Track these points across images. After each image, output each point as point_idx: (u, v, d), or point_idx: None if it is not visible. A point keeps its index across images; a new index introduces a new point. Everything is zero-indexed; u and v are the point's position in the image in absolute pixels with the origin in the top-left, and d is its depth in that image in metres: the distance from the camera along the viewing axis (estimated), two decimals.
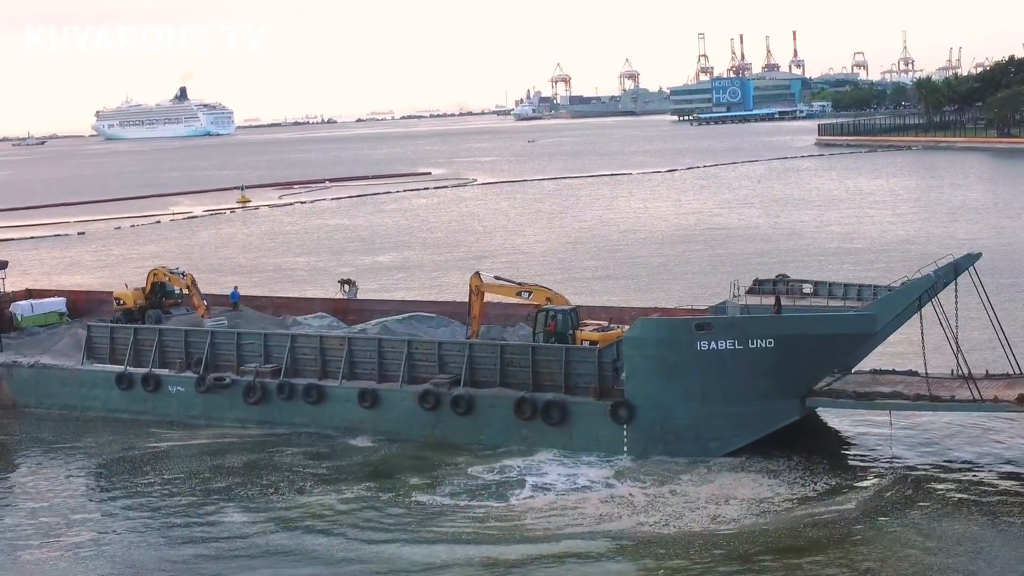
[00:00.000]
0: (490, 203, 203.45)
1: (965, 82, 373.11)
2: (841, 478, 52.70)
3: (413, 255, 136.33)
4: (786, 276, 68.34)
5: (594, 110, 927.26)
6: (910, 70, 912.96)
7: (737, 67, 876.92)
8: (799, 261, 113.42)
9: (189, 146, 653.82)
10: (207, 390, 66.68)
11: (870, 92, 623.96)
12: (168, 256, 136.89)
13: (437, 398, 60.92)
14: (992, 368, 57.61)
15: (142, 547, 49.63)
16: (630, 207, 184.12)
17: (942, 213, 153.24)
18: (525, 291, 64.29)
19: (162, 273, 76.80)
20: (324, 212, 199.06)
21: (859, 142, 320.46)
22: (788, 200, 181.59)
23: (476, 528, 49.69)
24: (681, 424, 56.40)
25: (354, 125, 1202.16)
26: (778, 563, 44.66)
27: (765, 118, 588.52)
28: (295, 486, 55.93)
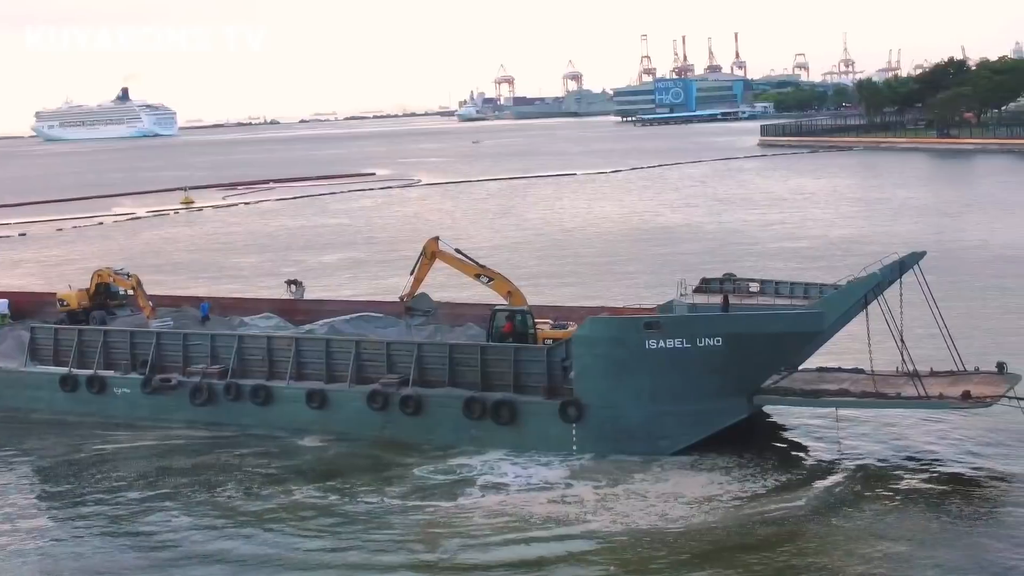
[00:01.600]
0: (435, 203, 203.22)
1: (905, 84, 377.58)
2: (791, 475, 53.00)
3: (359, 255, 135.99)
4: (733, 275, 68.65)
5: (538, 111, 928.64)
6: (850, 72, 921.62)
7: (680, 68, 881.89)
8: (744, 260, 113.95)
9: (131, 147, 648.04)
10: (153, 391, 66.14)
11: (811, 93, 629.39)
12: (111, 257, 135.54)
13: (386, 398, 60.71)
14: (937, 365, 58.12)
15: (89, 551, 48.95)
16: (575, 207, 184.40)
17: (884, 212, 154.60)
18: (486, 276, 64.00)
19: (107, 274, 76.11)
20: (268, 213, 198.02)
21: (801, 143, 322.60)
22: (731, 200, 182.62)
23: (425, 529, 49.54)
24: (631, 423, 56.50)
25: (298, 126, 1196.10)
26: (727, 561, 44.80)
27: (708, 119, 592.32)
28: (244, 487, 55.51)
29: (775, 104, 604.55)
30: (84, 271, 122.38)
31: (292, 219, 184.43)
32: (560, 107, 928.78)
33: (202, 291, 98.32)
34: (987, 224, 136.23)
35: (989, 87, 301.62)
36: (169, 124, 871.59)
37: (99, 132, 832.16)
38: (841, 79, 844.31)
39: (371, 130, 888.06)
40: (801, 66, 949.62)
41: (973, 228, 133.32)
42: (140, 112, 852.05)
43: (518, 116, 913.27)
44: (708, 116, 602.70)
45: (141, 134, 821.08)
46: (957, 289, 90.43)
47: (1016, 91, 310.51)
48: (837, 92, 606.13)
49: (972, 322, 78.27)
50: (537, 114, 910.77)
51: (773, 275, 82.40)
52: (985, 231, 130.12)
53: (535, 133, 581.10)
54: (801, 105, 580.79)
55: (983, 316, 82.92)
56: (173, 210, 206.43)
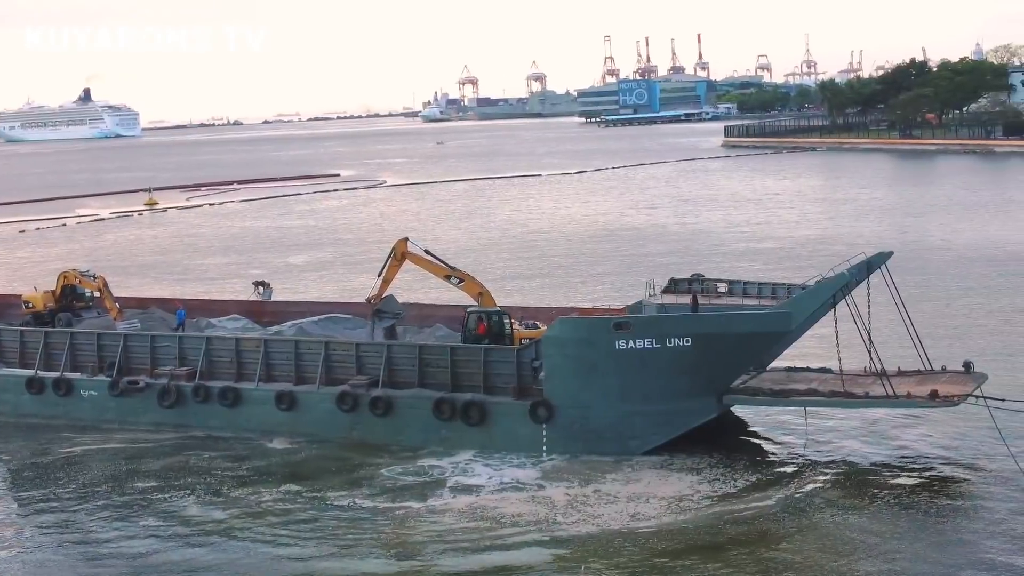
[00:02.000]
0: (400, 204, 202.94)
1: (868, 84, 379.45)
2: (761, 475, 53.24)
3: (325, 256, 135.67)
4: (701, 275, 68.87)
5: (502, 112, 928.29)
6: (813, 73, 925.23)
7: (643, 69, 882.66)
8: (710, 260, 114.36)
9: (94, 148, 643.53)
10: (121, 393, 65.76)
11: (774, 94, 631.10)
12: (76, 259, 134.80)
13: (355, 399, 60.61)
14: (904, 365, 58.53)
15: (55, 555, 48.71)
16: (540, 208, 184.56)
17: (848, 213, 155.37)
18: (456, 277, 63.94)
19: (73, 276, 75.58)
20: (233, 214, 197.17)
21: (765, 143, 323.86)
22: (697, 200, 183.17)
23: (395, 530, 49.56)
24: (600, 423, 56.61)
25: (261, 127, 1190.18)
26: (698, 560, 44.96)
27: (671, 120, 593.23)
28: (213, 490, 55.31)
29: (738, 105, 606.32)
30: (48, 273, 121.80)
31: (257, 220, 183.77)
32: (524, 108, 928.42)
33: (167, 292, 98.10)
34: (950, 225, 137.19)
35: (950, 88, 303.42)
36: (132, 125, 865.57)
37: (61, 133, 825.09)
38: (803, 80, 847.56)
39: (335, 131, 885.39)
40: (764, 67, 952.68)
41: (936, 229, 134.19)
42: (103, 113, 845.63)
43: (482, 117, 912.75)
44: (672, 117, 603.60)
45: (104, 135, 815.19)
46: (922, 289, 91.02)
47: (976, 92, 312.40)
48: (800, 93, 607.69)
49: (937, 321, 78.99)
50: (501, 115, 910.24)
51: (740, 275, 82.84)
52: (948, 231, 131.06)
53: (499, 134, 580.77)
54: (764, 106, 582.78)
55: (948, 316, 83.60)
56: (137, 211, 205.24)
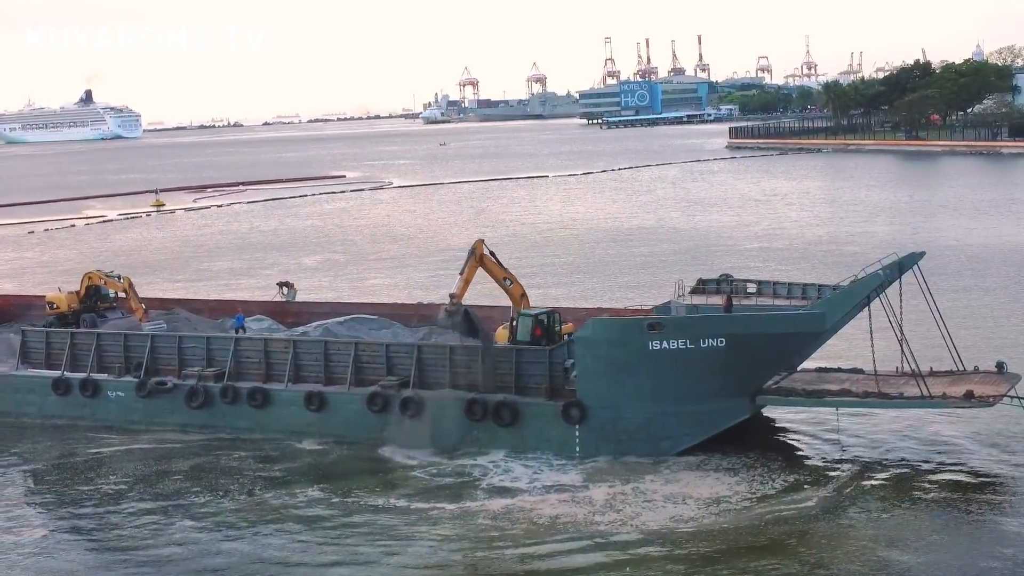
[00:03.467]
0: (408, 206, 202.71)
1: (871, 86, 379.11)
2: (797, 475, 53.10)
3: (337, 257, 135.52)
4: (730, 276, 68.61)
5: (502, 113, 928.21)
6: (813, 74, 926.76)
7: (643, 71, 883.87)
8: (724, 261, 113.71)
9: (95, 149, 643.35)
10: (148, 394, 65.59)
11: (776, 96, 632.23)
12: (86, 259, 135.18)
13: (386, 400, 60.45)
14: (933, 365, 58.38)
15: (88, 556, 48.61)
16: (549, 209, 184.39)
17: (859, 214, 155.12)
18: (508, 279, 63.66)
19: (97, 276, 75.39)
20: (241, 215, 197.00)
21: (770, 144, 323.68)
22: (706, 202, 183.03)
23: (431, 530, 49.29)
24: (632, 424, 56.46)
25: (261, 129, 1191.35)
26: (740, 561, 44.79)
27: (673, 121, 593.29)
28: (245, 490, 55.23)
29: (740, 106, 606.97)
30: (58, 274, 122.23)
31: (265, 221, 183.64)
32: (525, 109, 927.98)
33: (180, 293, 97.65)
34: (962, 225, 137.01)
35: (954, 89, 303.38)
36: (133, 126, 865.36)
37: (62, 134, 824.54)
38: (803, 82, 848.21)
39: (335, 132, 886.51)
40: (764, 69, 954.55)
41: (949, 230, 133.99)
42: (104, 114, 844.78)
43: (482, 118, 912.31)
44: (674, 118, 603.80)
45: (105, 136, 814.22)
46: (941, 290, 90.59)
47: (979, 94, 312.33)
48: (801, 94, 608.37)
49: (960, 322, 78.57)
50: (501, 116, 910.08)
51: (754, 275, 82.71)
52: (961, 232, 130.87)
53: (501, 135, 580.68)
54: (766, 107, 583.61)
55: (971, 316, 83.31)
56: (144, 213, 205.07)
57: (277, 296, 78.00)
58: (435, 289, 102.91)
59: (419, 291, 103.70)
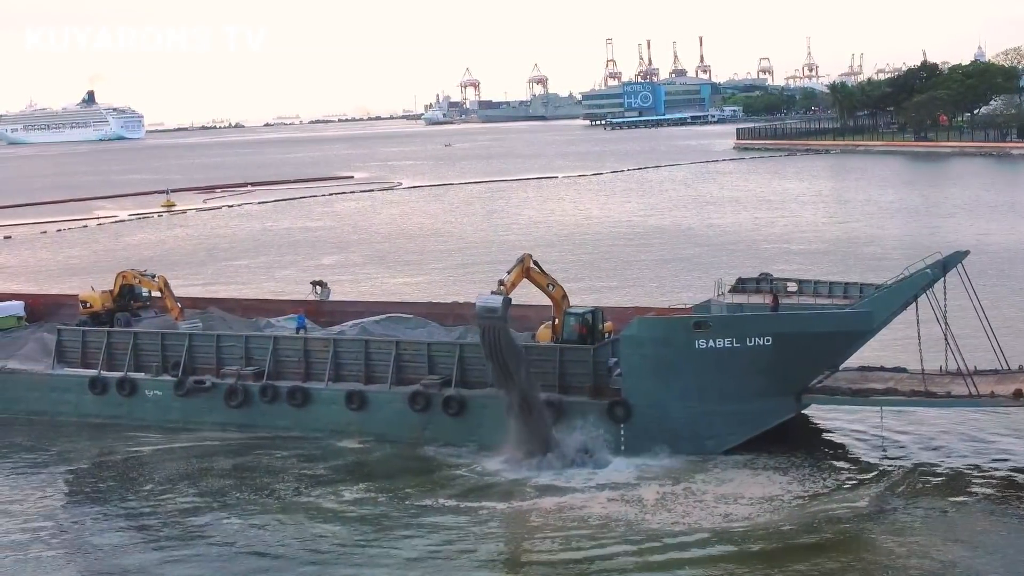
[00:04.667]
0: (420, 206, 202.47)
1: (878, 87, 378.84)
2: (847, 474, 52.99)
3: (355, 257, 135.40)
4: (769, 275, 68.44)
5: (504, 115, 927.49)
6: (814, 76, 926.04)
7: (644, 72, 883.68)
8: (745, 261, 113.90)
9: (98, 150, 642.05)
10: (186, 394, 65.39)
11: (780, 97, 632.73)
12: (101, 260, 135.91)
13: (428, 399, 60.26)
14: (977, 364, 58.10)
15: (134, 554, 48.41)
16: (562, 209, 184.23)
17: (875, 214, 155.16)
18: (551, 283, 63.56)
19: (131, 275, 75.17)
20: (253, 215, 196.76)
21: (777, 145, 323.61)
22: (719, 202, 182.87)
23: (483, 529, 49.16)
24: (678, 422, 56.31)
25: (262, 129, 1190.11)
26: (798, 560, 44.63)
27: (677, 123, 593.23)
28: (292, 488, 55.04)
29: (744, 108, 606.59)
30: (75, 273, 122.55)
31: (278, 221, 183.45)
32: (527, 110, 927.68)
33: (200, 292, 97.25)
34: (980, 226, 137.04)
35: (960, 91, 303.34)
36: (136, 127, 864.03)
37: (64, 135, 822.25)
38: (805, 83, 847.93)
39: (337, 133, 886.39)
40: (766, 70, 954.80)
41: (968, 229, 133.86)
42: (107, 115, 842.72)
43: (484, 119, 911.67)
44: (677, 120, 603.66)
45: (108, 137, 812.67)
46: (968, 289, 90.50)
47: (985, 95, 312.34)
48: (805, 96, 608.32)
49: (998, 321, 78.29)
50: (503, 117, 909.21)
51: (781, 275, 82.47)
52: (979, 232, 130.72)
53: (505, 136, 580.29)
54: (769, 109, 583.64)
55: (1002, 316, 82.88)
56: (156, 213, 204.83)
57: (311, 295, 77.82)
58: (456, 288, 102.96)
59: (442, 291, 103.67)
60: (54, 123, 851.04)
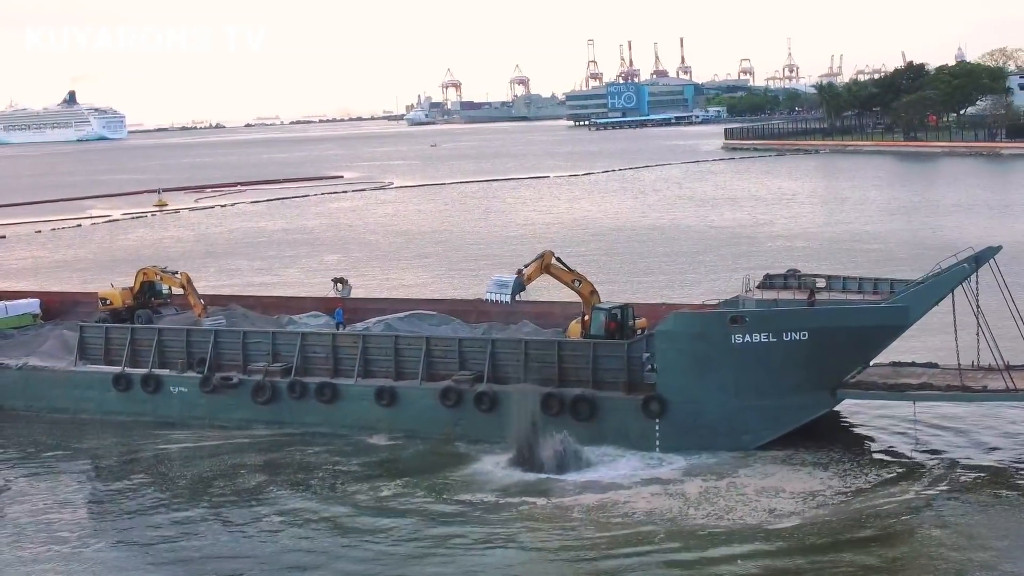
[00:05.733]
0: (414, 205, 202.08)
1: (864, 87, 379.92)
2: (888, 469, 52.88)
3: (358, 255, 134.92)
4: (797, 271, 68.31)
5: (487, 115, 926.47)
6: (795, 77, 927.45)
7: (626, 73, 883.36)
8: (749, 260, 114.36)
9: (82, 150, 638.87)
10: (213, 390, 65.03)
11: (764, 98, 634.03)
12: (100, 258, 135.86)
13: (459, 395, 60.06)
14: (1011, 359, 58.04)
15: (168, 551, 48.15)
16: (558, 208, 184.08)
17: (873, 213, 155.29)
18: (577, 279, 63.42)
19: (153, 272, 74.78)
20: (248, 215, 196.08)
21: (767, 146, 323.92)
22: (715, 201, 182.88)
23: (527, 524, 48.92)
24: (713, 418, 56.20)
25: (243, 130, 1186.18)
26: (849, 554, 44.52)
27: (661, 123, 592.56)
28: (327, 484, 54.80)
29: (728, 108, 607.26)
30: (74, 271, 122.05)
31: (273, 221, 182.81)
32: (509, 111, 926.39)
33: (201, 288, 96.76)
34: (980, 224, 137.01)
35: (947, 91, 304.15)
36: (118, 128, 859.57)
37: (46, 135, 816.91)
38: (785, 84, 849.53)
39: (320, 134, 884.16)
40: (746, 71, 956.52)
41: (970, 228, 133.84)
42: (89, 115, 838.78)
43: (467, 120, 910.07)
44: (662, 120, 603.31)
45: (90, 137, 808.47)
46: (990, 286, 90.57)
47: (972, 95, 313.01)
48: (789, 96, 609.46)
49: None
50: (486, 118, 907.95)
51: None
52: (981, 231, 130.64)
53: (490, 137, 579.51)
54: (753, 109, 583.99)
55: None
56: (149, 212, 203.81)
57: (332, 292, 77.57)
58: (462, 285, 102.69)
59: (450, 289, 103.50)
60: (35, 123, 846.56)
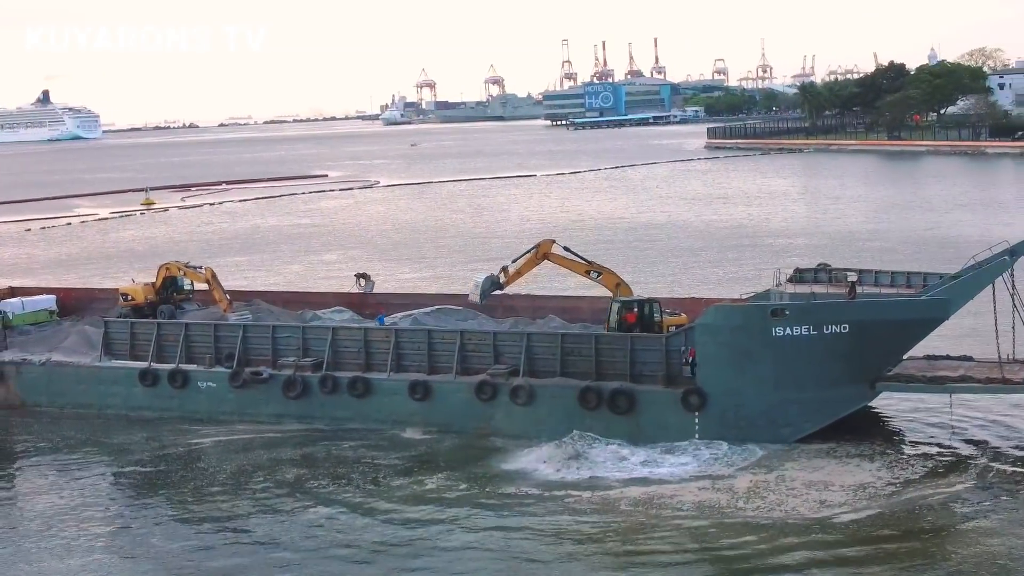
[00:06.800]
0: (405, 203, 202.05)
1: (846, 87, 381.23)
2: (934, 461, 52.91)
3: (356, 253, 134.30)
4: (827, 265, 68.44)
5: (463, 115, 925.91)
6: (768, 77, 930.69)
7: (600, 73, 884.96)
8: (752, 256, 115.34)
9: (58, 150, 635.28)
10: (242, 385, 64.55)
11: (741, 97, 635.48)
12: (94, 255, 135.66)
13: (495, 389, 59.80)
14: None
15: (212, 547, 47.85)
16: (550, 206, 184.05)
17: (869, 210, 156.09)
18: (595, 271, 63.14)
19: (176, 267, 74.21)
20: (238, 213, 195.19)
21: (751, 145, 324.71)
22: (708, 198, 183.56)
23: (574, 518, 48.62)
24: (753, 411, 56.11)
25: (217, 129, 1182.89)
26: (908, 545, 44.49)
27: (639, 123, 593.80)
28: (369, 479, 54.51)
29: (706, 108, 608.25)
30: (68, 268, 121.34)
31: (264, 219, 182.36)
32: (485, 111, 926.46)
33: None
34: (979, 221, 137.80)
35: (928, 90, 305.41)
36: (93, 127, 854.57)
37: (19, 135, 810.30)
38: (759, 84, 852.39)
39: (296, 133, 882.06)
40: (720, 71, 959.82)
41: (968, 224, 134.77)
42: (63, 115, 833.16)
43: (443, 120, 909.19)
44: (639, 120, 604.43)
45: (65, 137, 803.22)
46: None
47: (952, 95, 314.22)
48: (767, 96, 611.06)
49: None
50: (462, 118, 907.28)
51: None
52: (981, 228, 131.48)
53: (468, 136, 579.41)
54: (731, 109, 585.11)
55: None
56: (138, 211, 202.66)
57: (354, 287, 77.14)
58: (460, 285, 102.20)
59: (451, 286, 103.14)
60: (9, 123, 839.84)
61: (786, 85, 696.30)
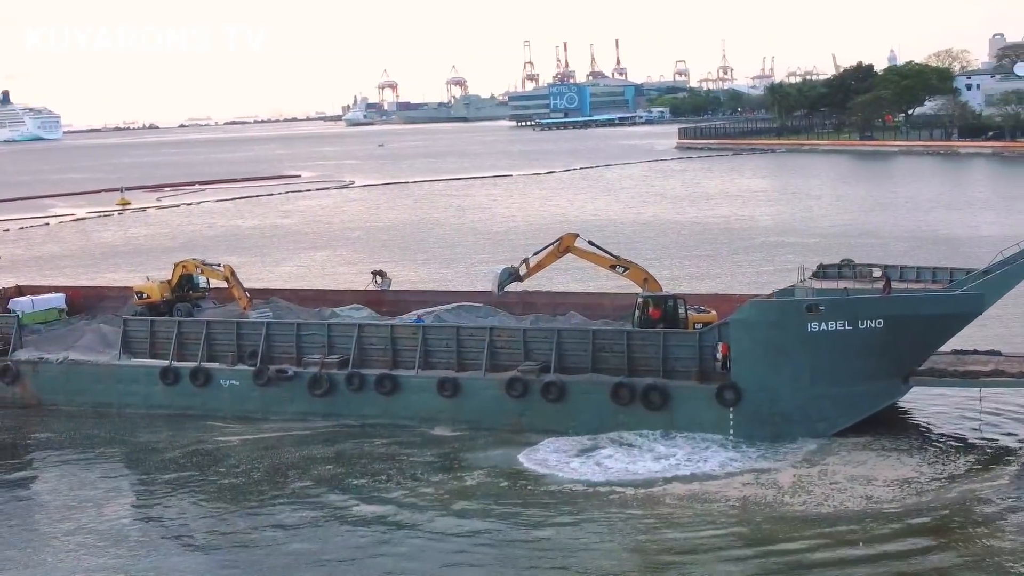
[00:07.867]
0: (384, 203, 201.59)
1: (814, 88, 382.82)
2: (975, 455, 53.22)
3: (345, 252, 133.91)
4: (851, 261, 68.60)
5: (426, 116, 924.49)
6: (729, 78, 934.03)
7: (562, 74, 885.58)
8: (747, 254, 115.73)
9: (20, 150, 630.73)
10: (267, 383, 64.05)
11: (706, 98, 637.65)
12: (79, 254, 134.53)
13: (525, 385, 59.57)
14: None
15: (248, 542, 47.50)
16: (532, 205, 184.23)
17: (853, 209, 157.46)
18: (620, 266, 63.09)
19: (193, 265, 73.57)
20: (217, 213, 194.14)
21: (722, 145, 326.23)
22: (689, 198, 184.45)
23: (622, 511, 48.52)
24: (788, 406, 56.18)
25: (178, 130, 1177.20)
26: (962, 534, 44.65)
27: (605, 124, 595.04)
28: (407, 475, 54.12)
29: (671, 109, 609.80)
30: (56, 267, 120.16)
31: (244, 219, 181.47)
32: (448, 112, 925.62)
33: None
34: (966, 219, 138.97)
35: (897, 91, 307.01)
36: (54, 128, 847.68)
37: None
38: (720, 85, 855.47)
39: (259, 134, 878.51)
40: (682, 72, 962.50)
41: (957, 222, 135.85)
42: (23, 115, 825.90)
43: (406, 121, 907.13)
44: (605, 121, 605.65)
45: (25, 138, 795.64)
46: None
47: (919, 96, 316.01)
48: (731, 97, 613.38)
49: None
50: (425, 119, 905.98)
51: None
52: (971, 225, 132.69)
53: (433, 137, 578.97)
54: (696, 110, 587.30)
55: None
56: (115, 211, 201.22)
57: (371, 285, 76.79)
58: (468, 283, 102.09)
59: (454, 284, 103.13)
60: None
61: (749, 86, 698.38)
